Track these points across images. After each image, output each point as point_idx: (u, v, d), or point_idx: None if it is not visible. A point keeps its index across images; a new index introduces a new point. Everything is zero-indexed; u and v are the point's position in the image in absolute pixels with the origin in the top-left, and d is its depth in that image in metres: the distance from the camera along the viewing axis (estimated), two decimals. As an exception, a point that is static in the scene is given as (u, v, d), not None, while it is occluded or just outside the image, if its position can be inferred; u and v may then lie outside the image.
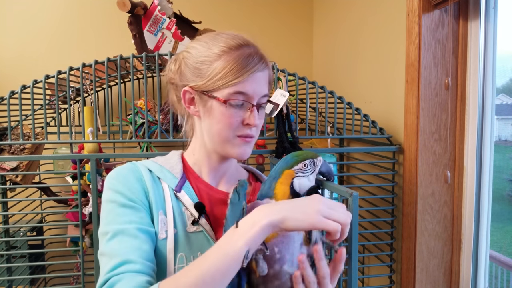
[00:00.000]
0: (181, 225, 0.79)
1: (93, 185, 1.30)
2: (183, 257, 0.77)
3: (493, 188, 1.23)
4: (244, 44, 0.79)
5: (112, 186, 0.77)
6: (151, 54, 1.41)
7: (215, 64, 0.78)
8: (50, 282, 1.77)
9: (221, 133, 0.80)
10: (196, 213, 0.79)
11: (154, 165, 0.85)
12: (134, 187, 0.78)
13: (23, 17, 1.96)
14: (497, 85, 1.21)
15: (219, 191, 0.86)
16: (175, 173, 0.84)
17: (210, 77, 0.78)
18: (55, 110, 1.57)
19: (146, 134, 1.39)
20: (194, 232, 0.79)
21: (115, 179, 0.78)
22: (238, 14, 2.16)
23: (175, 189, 0.81)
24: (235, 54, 0.77)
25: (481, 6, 1.19)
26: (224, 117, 0.78)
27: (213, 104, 0.79)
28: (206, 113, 0.81)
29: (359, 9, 1.70)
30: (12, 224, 1.56)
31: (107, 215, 0.75)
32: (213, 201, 0.84)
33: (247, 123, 0.79)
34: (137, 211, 0.75)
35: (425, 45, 1.24)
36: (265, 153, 1.38)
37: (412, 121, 1.29)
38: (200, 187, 0.85)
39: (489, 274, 1.25)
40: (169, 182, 0.82)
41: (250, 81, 0.77)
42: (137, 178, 0.80)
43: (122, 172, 0.80)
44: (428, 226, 1.30)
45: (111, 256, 0.69)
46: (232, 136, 0.80)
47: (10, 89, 1.33)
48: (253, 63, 0.78)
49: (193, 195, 0.82)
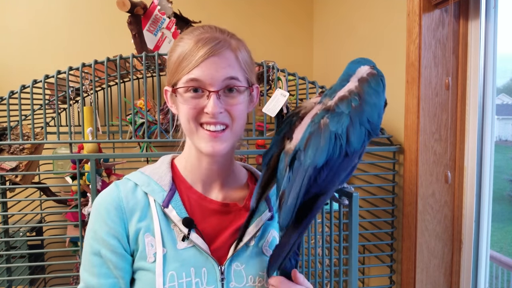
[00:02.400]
0: (170, 243, 0.76)
1: (92, 185, 1.29)
2: (173, 275, 0.74)
3: (494, 188, 1.22)
4: (203, 32, 0.76)
5: (92, 219, 0.79)
6: (150, 54, 1.41)
7: (173, 54, 0.77)
8: (50, 282, 1.77)
9: (185, 126, 0.76)
10: (185, 228, 0.76)
11: (141, 177, 0.81)
12: (112, 222, 0.76)
13: (23, 17, 1.96)
14: (497, 85, 1.20)
15: (212, 201, 0.81)
16: (163, 185, 0.79)
17: (170, 69, 0.77)
18: (54, 110, 1.57)
19: (146, 134, 1.39)
20: (185, 248, 0.77)
21: (96, 212, 0.78)
22: (238, 14, 2.16)
23: (162, 205, 0.77)
24: (189, 42, 0.75)
25: (481, 6, 1.19)
26: (182, 107, 0.75)
27: (177, 97, 0.76)
28: (177, 108, 0.78)
29: (359, 8, 1.70)
30: (12, 224, 1.56)
31: (84, 252, 0.79)
32: (205, 212, 0.80)
33: (206, 112, 0.74)
34: (106, 260, 0.76)
35: (425, 45, 1.24)
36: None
37: (412, 121, 1.29)
38: (192, 197, 0.81)
39: (489, 275, 1.25)
40: (156, 196, 0.78)
41: (203, 66, 0.72)
42: (116, 207, 0.77)
43: (102, 203, 0.78)
44: (429, 226, 1.30)
45: None
46: (195, 127, 0.75)
47: (10, 89, 1.33)
48: (206, 48, 0.73)
49: (181, 209, 0.78)
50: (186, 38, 0.76)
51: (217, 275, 0.76)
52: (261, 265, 0.80)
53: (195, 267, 0.76)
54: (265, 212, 0.82)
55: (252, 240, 0.80)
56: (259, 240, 0.82)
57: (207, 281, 0.76)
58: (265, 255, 0.81)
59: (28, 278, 1.52)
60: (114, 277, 0.77)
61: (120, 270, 0.77)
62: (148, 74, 1.86)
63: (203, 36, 0.74)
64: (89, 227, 0.79)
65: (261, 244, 0.82)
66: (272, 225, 0.85)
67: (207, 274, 0.76)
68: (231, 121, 0.76)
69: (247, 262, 0.79)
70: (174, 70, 0.75)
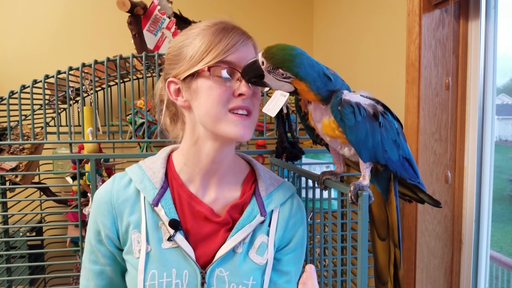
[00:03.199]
0: (156, 241, 0.77)
1: (92, 185, 1.29)
2: (154, 274, 0.75)
3: (494, 188, 1.22)
4: (223, 21, 0.77)
5: (91, 213, 0.84)
6: (150, 54, 1.41)
7: (194, 42, 0.76)
8: (50, 282, 1.77)
9: (211, 111, 0.74)
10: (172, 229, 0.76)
11: (137, 172, 0.82)
12: (102, 214, 0.81)
13: (23, 17, 1.96)
14: (497, 85, 1.20)
15: (202, 204, 0.80)
16: (155, 182, 0.80)
17: (190, 55, 0.75)
18: (54, 110, 1.57)
19: (146, 134, 1.39)
20: (169, 248, 0.77)
21: (93, 203, 0.84)
22: (238, 14, 2.15)
23: (152, 203, 0.78)
24: (213, 29, 0.75)
25: (481, 6, 1.19)
26: (212, 90, 0.73)
27: (198, 83, 0.75)
28: (194, 96, 0.76)
29: (359, 8, 1.70)
30: (12, 224, 1.56)
31: (85, 241, 0.86)
32: (195, 214, 0.80)
33: (239, 94, 0.74)
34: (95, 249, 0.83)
35: (425, 45, 1.24)
36: (265, 153, 1.37)
37: (412, 121, 1.29)
38: (183, 197, 0.80)
39: (489, 275, 1.25)
40: (147, 194, 0.79)
41: (233, 51, 0.74)
42: (107, 202, 0.81)
43: (97, 196, 0.83)
44: (429, 227, 1.30)
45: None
46: (224, 112, 0.74)
47: (10, 89, 1.33)
48: (233, 34, 0.75)
49: (171, 209, 0.78)
50: (205, 27, 0.76)
51: (198, 279, 0.76)
52: (247, 274, 0.78)
53: (177, 269, 0.76)
54: (257, 216, 0.81)
55: (239, 247, 0.79)
56: (248, 246, 0.80)
57: (188, 283, 0.75)
58: (253, 262, 0.80)
59: (28, 278, 1.52)
60: (102, 264, 0.83)
61: (107, 258, 0.82)
62: (148, 74, 1.86)
63: (227, 25, 0.76)
64: (89, 220, 0.86)
65: (249, 250, 0.80)
66: (262, 229, 0.82)
67: (188, 277, 0.76)
68: (253, 108, 0.77)
69: (232, 269, 0.78)
70: (199, 57, 0.74)
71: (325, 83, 0.76)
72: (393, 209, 0.87)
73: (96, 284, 0.83)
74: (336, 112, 0.75)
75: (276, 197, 0.85)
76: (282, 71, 0.72)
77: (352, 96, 0.77)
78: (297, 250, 0.87)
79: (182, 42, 0.78)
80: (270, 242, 0.81)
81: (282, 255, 0.85)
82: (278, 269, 0.84)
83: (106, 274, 0.83)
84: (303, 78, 0.73)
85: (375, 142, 0.77)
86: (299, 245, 0.87)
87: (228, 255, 0.78)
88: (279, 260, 0.85)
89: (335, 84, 0.78)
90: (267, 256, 0.81)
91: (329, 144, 0.88)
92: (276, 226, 0.83)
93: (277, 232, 0.83)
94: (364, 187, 0.79)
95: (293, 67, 0.72)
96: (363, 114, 0.75)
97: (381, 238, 0.91)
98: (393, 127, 0.81)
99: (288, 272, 0.85)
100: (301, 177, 1.12)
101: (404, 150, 0.83)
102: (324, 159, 1.56)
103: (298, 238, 0.86)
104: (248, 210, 0.81)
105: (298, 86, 0.75)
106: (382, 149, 0.78)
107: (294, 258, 0.86)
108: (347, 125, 0.75)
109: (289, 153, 1.25)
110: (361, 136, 0.75)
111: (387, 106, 0.84)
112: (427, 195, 0.93)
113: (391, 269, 0.89)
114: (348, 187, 0.80)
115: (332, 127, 0.79)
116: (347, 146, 0.82)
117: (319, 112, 0.82)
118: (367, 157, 0.78)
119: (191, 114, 0.79)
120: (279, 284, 0.84)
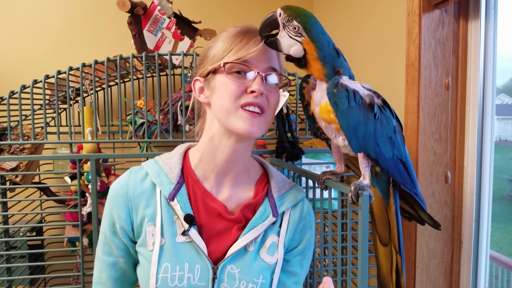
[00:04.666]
0: (170, 235, 0.78)
1: (92, 185, 1.30)
2: (167, 267, 0.77)
3: (494, 188, 1.22)
4: (247, 25, 0.81)
5: (106, 205, 0.85)
6: (151, 54, 1.41)
7: (218, 44, 0.80)
8: (50, 282, 1.77)
9: (224, 105, 0.77)
10: (186, 224, 0.78)
11: (153, 167, 0.84)
12: (118, 207, 0.82)
13: (23, 17, 1.96)
14: (497, 85, 1.20)
15: (216, 201, 0.83)
16: (171, 177, 0.82)
17: (213, 55, 0.80)
18: (54, 110, 1.57)
19: (146, 134, 1.39)
20: (183, 243, 0.78)
21: (109, 195, 0.85)
22: (238, 14, 2.16)
23: (168, 198, 0.80)
24: (237, 31, 0.80)
25: (481, 6, 1.19)
26: (225, 85, 0.77)
27: (216, 80, 0.79)
28: (213, 92, 0.80)
29: (359, 9, 1.70)
30: (12, 224, 1.56)
31: (100, 233, 0.86)
32: (208, 210, 0.82)
33: (251, 91, 0.76)
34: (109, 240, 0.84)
35: (425, 45, 1.24)
36: (265, 153, 1.37)
37: (412, 121, 1.29)
38: (197, 193, 0.83)
39: (489, 275, 1.25)
40: (163, 188, 0.81)
41: (251, 50, 0.77)
42: (123, 194, 0.82)
43: (113, 189, 0.84)
44: (428, 226, 1.30)
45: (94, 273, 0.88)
46: (235, 107, 0.76)
47: (10, 89, 1.33)
48: (252, 35, 0.79)
49: (186, 205, 0.80)
50: (230, 31, 0.81)
51: (210, 274, 0.77)
52: (257, 272, 0.80)
53: (189, 263, 0.77)
54: (269, 217, 0.83)
55: (251, 246, 0.81)
56: (259, 245, 0.82)
57: (199, 278, 0.77)
58: (263, 261, 0.81)
59: (28, 278, 1.52)
60: (115, 256, 0.84)
61: (120, 250, 0.83)
62: (148, 74, 1.86)
63: (249, 28, 0.80)
64: (104, 211, 0.86)
65: (260, 249, 0.82)
66: (273, 229, 0.84)
67: (200, 271, 0.77)
68: (267, 107, 0.79)
69: (242, 266, 0.79)
70: (220, 55, 0.79)
71: (333, 56, 0.79)
72: (393, 213, 0.87)
73: (108, 275, 0.84)
74: (331, 94, 0.76)
75: (287, 200, 0.87)
76: (296, 23, 0.75)
77: (351, 83, 0.78)
78: (305, 252, 0.89)
79: (210, 44, 0.83)
80: (280, 243, 0.84)
81: (291, 257, 0.87)
82: (286, 270, 0.87)
83: (119, 265, 0.84)
84: (313, 38, 0.76)
85: (367, 132, 0.77)
86: (308, 248, 0.89)
87: (240, 252, 0.80)
88: (288, 261, 0.87)
89: (341, 63, 0.80)
90: (277, 256, 0.83)
91: (325, 132, 0.87)
92: (286, 227, 0.86)
93: (287, 234, 0.85)
94: (364, 186, 0.79)
95: (307, 23, 0.75)
96: (358, 101, 0.76)
97: (383, 243, 0.91)
98: (390, 123, 0.81)
99: (296, 273, 0.88)
100: (301, 177, 1.12)
101: (400, 151, 0.83)
102: (324, 159, 1.56)
103: (307, 241, 0.89)
104: (261, 210, 0.83)
105: (308, 47, 0.77)
106: (374, 142, 0.78)
107: (302, 260, 0.89)
108: (339, 109, 0.76)
109: (289, 153, 1.25)
110: (352, 123, 0.76)
111: (387, 102, 0.83)
112: (427, 215, 0.93)
113: (393, 276, 0.89)
114: (348, 187, 0.80)
115: (328, 110, 0.80)
116: (342, 135, 0.82)
117: (320, 93, 0.82)
118: (356, 147, 0.78)
119: (210, 110, 0.83)
120: (287, 285, 0.86)
